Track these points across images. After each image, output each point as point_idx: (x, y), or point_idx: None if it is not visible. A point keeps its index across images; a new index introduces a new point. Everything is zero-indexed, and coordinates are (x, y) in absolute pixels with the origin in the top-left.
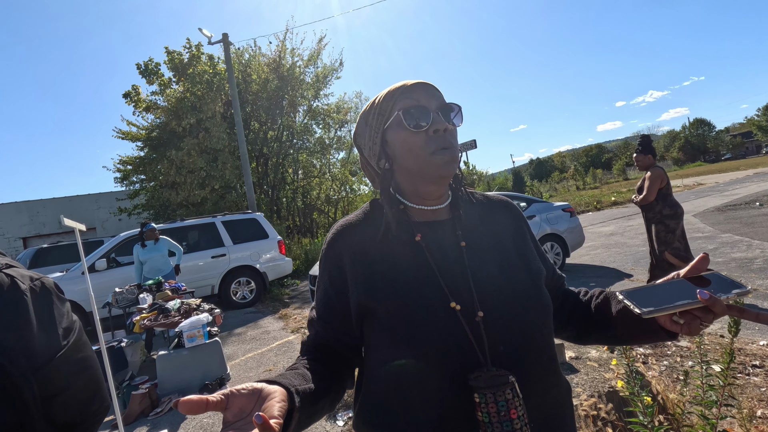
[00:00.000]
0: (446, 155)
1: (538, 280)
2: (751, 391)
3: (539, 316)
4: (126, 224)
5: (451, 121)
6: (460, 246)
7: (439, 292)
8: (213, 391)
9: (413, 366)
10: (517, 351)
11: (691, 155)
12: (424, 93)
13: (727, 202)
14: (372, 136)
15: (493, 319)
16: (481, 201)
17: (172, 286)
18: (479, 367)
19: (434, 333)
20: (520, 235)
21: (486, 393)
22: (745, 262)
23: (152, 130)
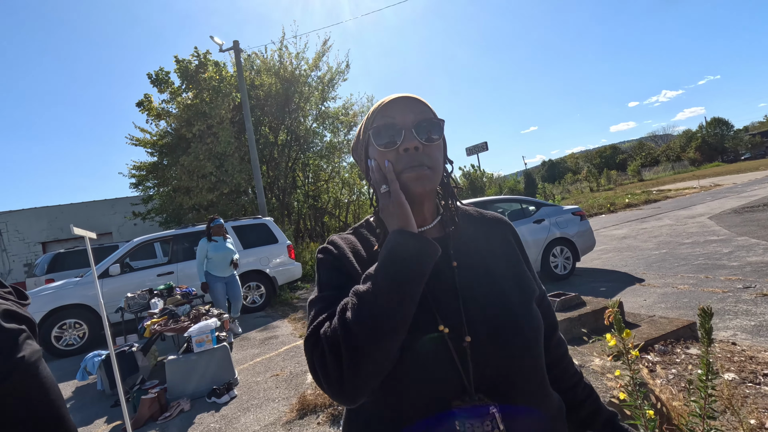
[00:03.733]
0: (413, 173)
1: (529, 302)
2: (761, 401)
3: (528, 340)
4: (141, 229)
5: (430, 138)
6: (452, 266)
7: (429, 315)
8: (221, 395)
9: (400, 387)
10: (504, 375)
11: (708, 155)
12: (400, 109)
13: (745, 204)
14: (360, 152)
15: (482, 343)
16: (475, 217)
17: (183, 291)
18: (464, 392)
19: (422, 356)
20: (513, 253)
21: (465, 422)
22: (761, 267)
23: (164, 136)
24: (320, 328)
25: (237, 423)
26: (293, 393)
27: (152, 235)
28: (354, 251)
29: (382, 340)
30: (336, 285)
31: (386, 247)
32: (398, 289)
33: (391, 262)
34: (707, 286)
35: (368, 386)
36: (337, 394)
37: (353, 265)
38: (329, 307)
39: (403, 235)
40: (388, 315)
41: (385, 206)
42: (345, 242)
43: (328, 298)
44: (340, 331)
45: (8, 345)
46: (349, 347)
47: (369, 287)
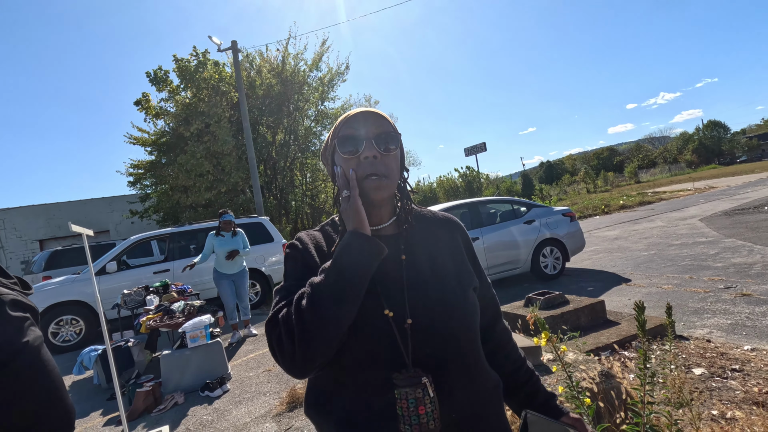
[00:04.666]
0: (373, 183)
1: (466, 290)
2: (725, 394)
3: (463, 323)
4: (138, 227)
5: (387, 148)
6: (401, 259)
7: (377, 301)
8: (214, 389)
9: (351, 362)
10: (440, 354)
11: (705, 158)
12: (363, 122)
13: (736, 206)
14: (327, 158)
15: (421, 326)
16: (428, 218)
17: (179, 288)
18: (404, 367)
19: (369, 335)
20: (457, 250)
21: (401, 391)
22: (744, 268)
23: (162, 135)
24: (279, 313)
25: (228, 415)
26: (284, 387)
27: (149, 233)
28: (317, 247)
29: (329, 325)
30: (298, 276)
31: (340, 246)
32: (345, 282)
33: (342, 258)
34: (690, 286)
35: (316, 362)
36: (289, 367)
37: (314, 259)
38: (289, 295)
39: (355, 235)
40: (335, 304)
41: (345, 209)
42: (310, 238)
43: (290, 288)
44: (294, 316)
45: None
46: (300, 330)
47: (322, 279)
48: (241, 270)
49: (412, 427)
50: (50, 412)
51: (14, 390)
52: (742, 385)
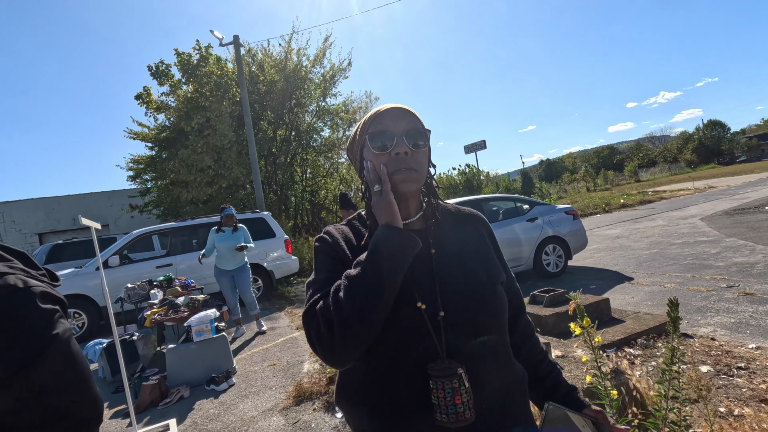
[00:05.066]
0: (402, 175)
1: (495, 283)
2: (732, 392)
3: (494, 316)
4: (138, 221)
5: (417, 144)
6: (431, 253)
7: (409, 293)
8: (220, 383)
9: (385, 353)
10: (472, 344)
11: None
12: (393, 118)
13: (737, 206)
14: (355, 152)
15: (453, 318)
16: (453, 213)
17: (182, 282)
18: (438, 358)
19: (402, 327)
20: (484, 243)
21: (437, 381)
22: (746, 267)
23: (162, 130)
24: (316, 305)
25: (235, 409)
26: (290, 381)
27: (152, 228)
28: (346, 240)
29: (367, 316)
30: (330, 269)
31: (375, 239)
32: (382, 275)
33: (378, 251)
34: (693, 285)
35: (355, 353)
36: (329, 358)
37: (345, 252)
38: (324, 287)
39: (390, 229)
40: (373, 296)
41: (376, 203)
42: (339, 232)
43: (323, 280)
44: (333, 307)
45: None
46: (340, 321)
47: (359, 272)
48: (241, 265)
49: (449, 416)
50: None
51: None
52: (749, 382)
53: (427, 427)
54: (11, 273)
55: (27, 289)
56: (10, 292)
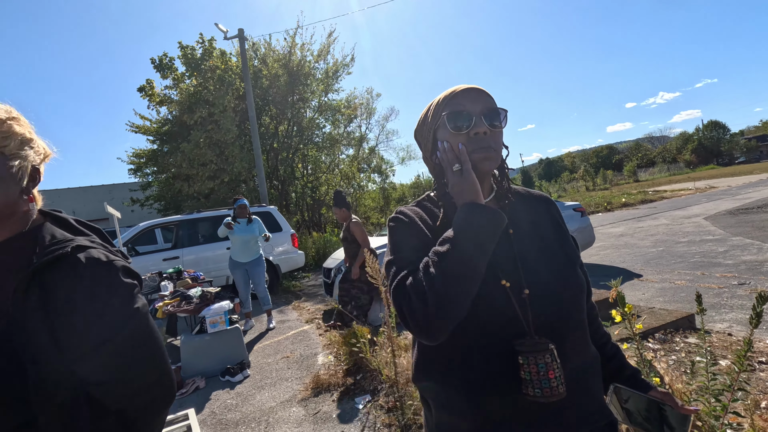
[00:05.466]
0: (482, 154)
1: (575, 264)
2: (757, 384)
3: (575, 295)
4: (138, 215)
5: (493, 124)
6: (509, 233)
7: (492, 271)
8: (235, 374)
9: (469, 331)
10: (555, 323)
11: (704, 158)
12: (471, 98)
13: (740, 206)
14: (426, 134)
15: (537, 296)
16: (523, 195)
17: (191, 275)
18: (524, 335)
19: (488, 305)
20: (557, 224)
21: (528, 356)
22: (755, 265)
23: (164, 123)
24: (406, 281)
25: (253, 399)
26: (305, 373)
27: (158, 220)
28: (422, 220)
29: (462, 289)
30: (411, 247)
31: (462, 216)
32: (473, 250)
33: (468, 228)
34: (704, 282)
35: (449, 326)
36: (423, 332)
37: (423, 231)
38: (408, 265)
39: (476, 206)
40: (465, 271)
41: (457, 182)
42: (414, 212)
43: (406, 258)
44: (426, 282)
45: (128, 297)
46: (434, 296)
47: (449, 248)
48: (255, 258)
49: (543, 390)
50: (156, 377)
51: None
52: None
53: (512, 401)
54: (94, 247)
55: (110, 263)
56: (95, 264)
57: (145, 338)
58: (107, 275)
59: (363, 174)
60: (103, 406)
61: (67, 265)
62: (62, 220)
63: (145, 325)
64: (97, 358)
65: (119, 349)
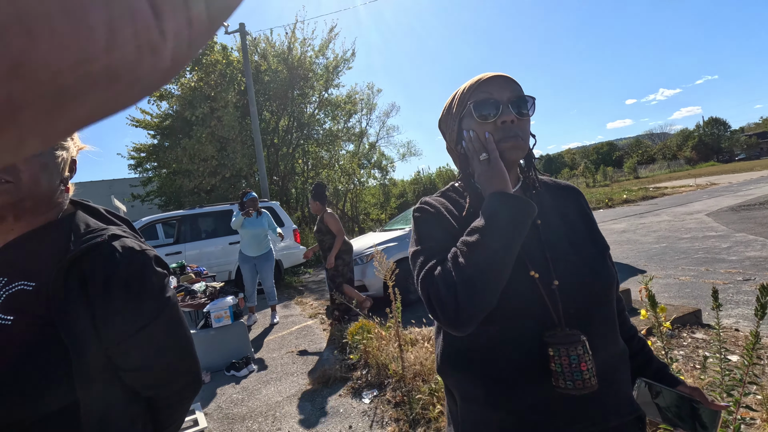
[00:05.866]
0: (510, 143)
1: (604, 255)
2: (765, 379)
3: (606, 286)
4: (139, 211)
5: (521, 112)
6: (536, 223)
7: (520, 262)
8: (240, 369)
9: (498, 322)
10: (585, 315)
11: (704, 154)
12: (498, 86)
13: (741, 202)
14: (451, 123)
15: (567, 287)
16: (550, 185)
17: (195, 270)
18: (554, 326)
19: (516, 295)
20: (586, 215)
21: (560, 348)
22: (760, 261)
23: (165, 118)
24: (434, 271)
25: (259, 394)
26: (310, 368)
27: (160, 215)
28: (447, 210)
29: (490, 280)
30: (438, 237)
31: (492, 205)
32: (503, 240)
33: (497, 217)
34: (708, 277)
35: (479, 317)
36: (453, 322)
37: (450, 222)
38: (435, 255)
39: (505, 195)
40: (495, 260)
41: (484, 172)
42: (438, 203)
43: (433, 248)
44: (455, 272)
45: (160, 286)
46: (464, 286)
47: (478, 238)
48: (265, 252)
49: (575, 382)
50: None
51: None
52: None
53: (543, 393)
54: (127, 236)
55: (143, 252)
56: (130, 253)
57: (176, 327)
58: (141, 264)
59: (363, 170)
60: (136, 392)
61: (104, 252)
62: (93, 210)
63: (177, 314)
64: (132, 345)
65: (152, 337)
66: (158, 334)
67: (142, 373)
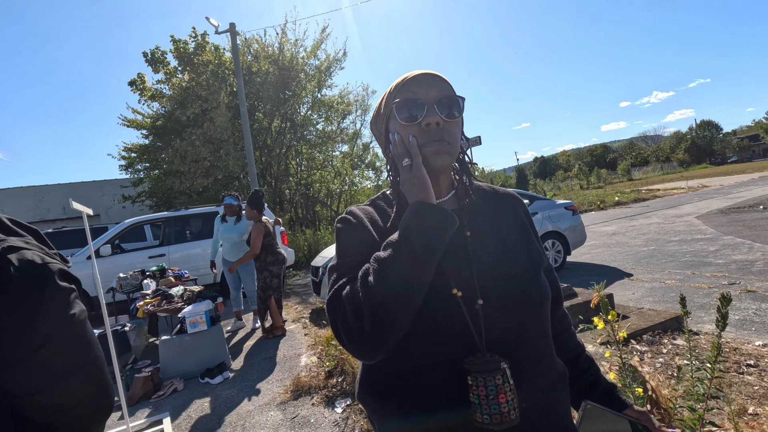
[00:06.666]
0: (434, 147)
1: (538, 270)
2: (744, 389)
3: (536, 305)
4: (130, 211)
5: (450, 114)
6: (466, 236)
7: (443, 279)
8: (215, 376)
9: (416, 346)
10: (513, 337)
11: (696, 157)
12: (424, 85)
13: (731, 205)
14: (380, 125)
15: (492, 306)
16: (488, 193)
17: (176, 273)
18: (476, 351)
19: (436, 316)
20: (523, 226)
21: (477, 377)
22: (746, 264)
23: (157, 118)
24: (342, 291)
25: (231, 403)
26: (287, 375)
27: (144, 217)
28: (372, 221)
29: (402, 302)
30: (355, 252)
31: (407, 217)
32: (418, 256)
33: (412, 231)
34: (694, 281)
35: (388, 344)
36: (358, 351)
37: (371, 234)
38: (349, 272)
39: (424, 206)
40: (407, 280)
41: (407, 179)
42: (363, 212)
43: (348, 264)
44: (362, 293)
45: (63, 302)
46: (370, 308)
47: (390, 254)
48: None
49: (492, 416)
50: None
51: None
52: (759, 380)
53: (463, 427)
54: (28, 248)
55: (45, 265)
56: (29, 267)
57: (81, 347)
58: (39, 279)
59: (356, 170)
60: (31, 420)
61: None
62: None
63: (81, 334)
64: (25, 368)
65: (50, 359)
66: (58, 355)
67: (40, 398)
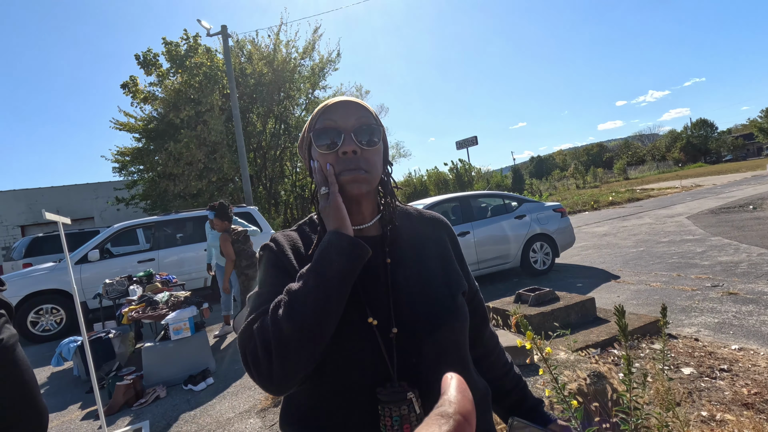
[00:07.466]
0: (350, 176)
1: (455, 295)
2: (715, 395)
3: (453, 331)
4: (124, 214)
5: (369, 141)
6: (386, 263)
7: (359, 308)
8: (198, 383)
9: (330, 376)
10: (429, 363)
11: (692, 156)
12: (342, 112)
13: (722, 205)
14: (305, 151)
15: (408, 334)
16: (414, 216)
17: (163, 278)
18: (389, 380)
19: (351, 346)
20: (445, 250)
21: (385, 407)
22: (730, 266)
23: (150, 121)
24: (254, 325)
25: (212, 410)
26: None
27: (134, 221)
28: (294, 249)
29: (310, 337)
30: (273, 282)
31: (320, 248)
32: (326, 288)
33: (322, 262)
34: (678, 284)
35: (295, 379)
36: (266, 385)
37: (292, 263)
38: (264, 303)
39: (336, 236)
40: (316, 313)
41: (324, 207)
42: (286, 239)
43: (264, 295)
44: (271, 328)
45: None
46: (278, 344)
47: (300, 286)
48: None
49: None
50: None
51: None
52: (731, 386)
53: None
54: None
55: None
56: None
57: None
58: None
59: None
60: None
61: None
62: None
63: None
64: None
65: None
66: None
67: None
